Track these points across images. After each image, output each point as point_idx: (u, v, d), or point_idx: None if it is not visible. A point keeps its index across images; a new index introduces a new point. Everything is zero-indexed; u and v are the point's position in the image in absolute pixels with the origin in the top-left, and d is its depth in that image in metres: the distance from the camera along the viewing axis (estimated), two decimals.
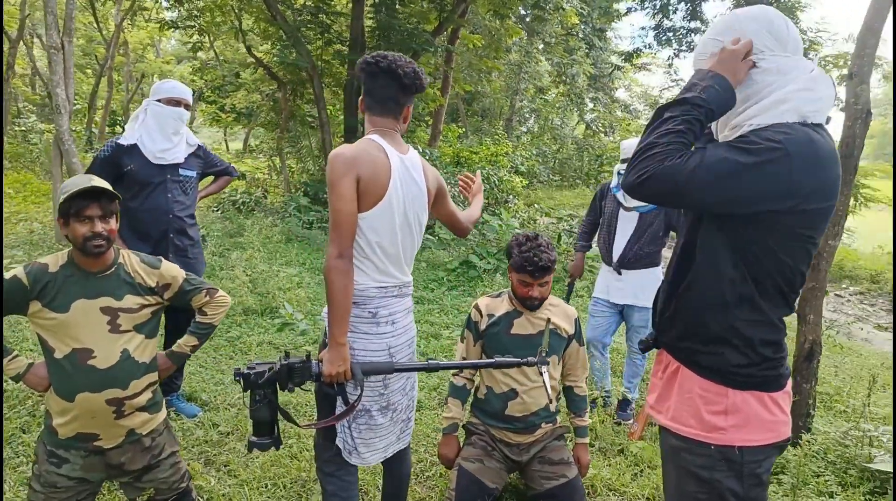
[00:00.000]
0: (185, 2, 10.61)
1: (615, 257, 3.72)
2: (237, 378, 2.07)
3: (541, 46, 18.44)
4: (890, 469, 2.94)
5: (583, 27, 19.18)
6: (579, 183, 19.03)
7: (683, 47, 11.78)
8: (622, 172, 3.62)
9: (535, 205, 12.59)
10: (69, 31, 6.33)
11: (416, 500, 2.85)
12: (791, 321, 3.07)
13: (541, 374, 2.29)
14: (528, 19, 15.09)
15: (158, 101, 3.19)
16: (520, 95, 19.31)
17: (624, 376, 3.94)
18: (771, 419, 1.52)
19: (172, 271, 2.28)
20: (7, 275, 2.03)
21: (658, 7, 11.39)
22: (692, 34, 11.64)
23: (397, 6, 9.75)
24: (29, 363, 2.11)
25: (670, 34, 11.80)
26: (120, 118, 20.79)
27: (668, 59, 12.21)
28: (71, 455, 2.12)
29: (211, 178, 3.68)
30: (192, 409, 3.43)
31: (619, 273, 3.73)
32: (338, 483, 2.23)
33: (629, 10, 13.97)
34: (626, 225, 3.72)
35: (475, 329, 2.78)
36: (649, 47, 12.41)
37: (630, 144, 3.83)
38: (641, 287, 3.72)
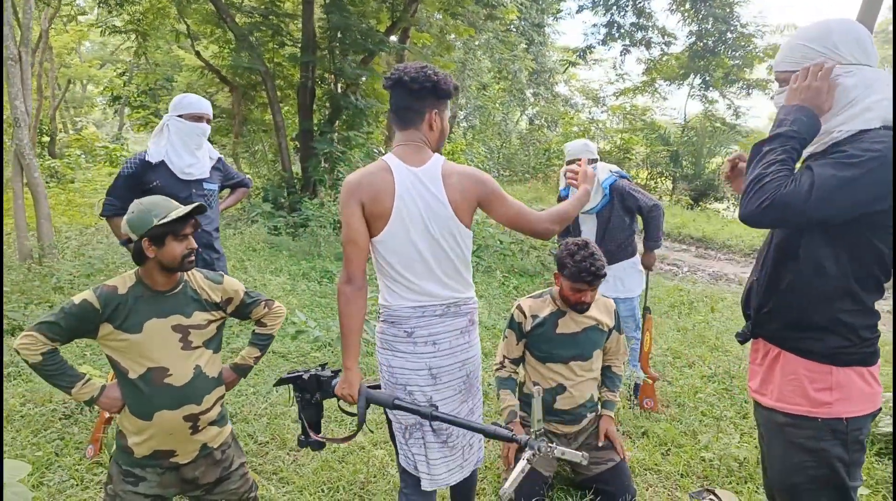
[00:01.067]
0: (126, 3, 10.25)
1: None
2: (290, 382, 2.26)
3: (477, 43, 18.65)
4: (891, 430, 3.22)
5: (521, 23, 19.52)
6: (528, 177, 19.37)
7: (632, 44, 12.20)
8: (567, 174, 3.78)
9: None
10: (26, 41, 6.04)
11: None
12: None
13: (519, 459, 1.95)
14: (467, 16, 15.29)
15: (180, 116, 3.15)
16: (464, 91, 19.47)
17: (630, 362, 4.13)
18: (870, 390, 1.68)
19: (234, 285, 2.30)
20: (76, 299, 2.01)
21: (609, 6, 11.76)
22: (640, 31, 12.09)
23: (349, 6, 9.71)
24: (102, 385, 2.09)
25: (622, 31, 12.21)
26: (46, 128, 19.78)
27: (620, 54, 12.63)
28: (147, 473, 2.12)
29: (227, 191, 3.65)
30: None
31: None
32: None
33: (581, 8, 14.38)
34: (588, 226, 3.93)
35: (519, 330, 2.86)
36: (603, 43, 12.82)
37: (574, 147, 4.00)
38: (622, 279, 3.95)
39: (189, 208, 2.05)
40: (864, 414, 1.68)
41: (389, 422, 2.23)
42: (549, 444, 1.93)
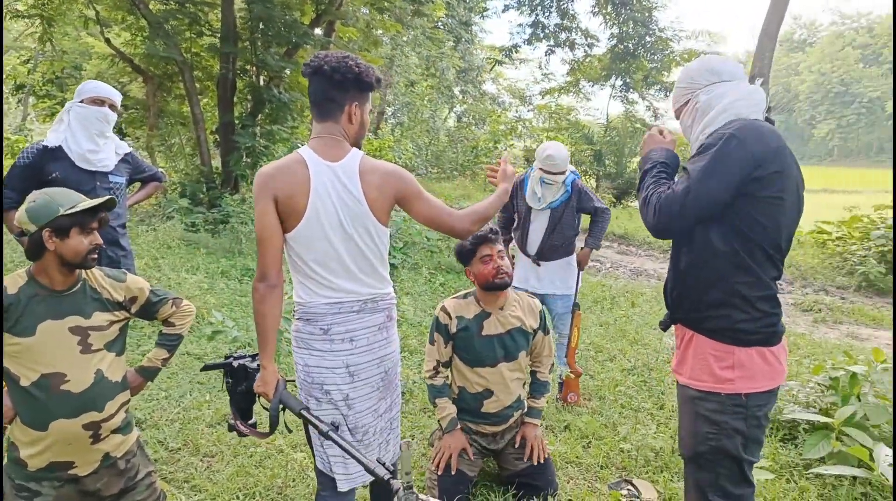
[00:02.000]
0: None
1: (532, 250, 3.96)
2: (220, 367, 2.20)
3: (405, 39, 18.59)
4: (799, 417, 3.38)
5: (449, 20, 19.57)
6: (456, 174, 19.44)
7: (556, 44, 12.42)
8: (546, 180, 3.83)
9: None
10: None
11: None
12: None
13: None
14: (395, 11, 15.20)
15: (81, 102, 2.95)
16: (392, 88, 19.35)
17: (557, 359, 4.17)
18: (769, 369, 1.85)
19: (138, 282, 2.17)
20: None
21: (534, 6, 11.91)
22: (564, 32, 12.31)
23: None
24: None
25: (546, 32, 12.39)
26: None
27: (545, 54, 12.82)
28: (43, 487, 1.97)
29: (138, 184, 3.45)
30: None
31: (538, 264, 3.96)
32: None
33: (506, 7, 14.51)
34: (539, 220, 3.96)
35: (445, 331, 2.81)
36: (528, 43, 12.98)
37: (560, 155, 3.83)
38: (560, 277, 4.00)
39: (100, 200, 1.92)
40: (764, 391, 1.85)
41: (306, 424, 2.15)
42: (420, 496, 1.80)
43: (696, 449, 1.94)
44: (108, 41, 10.27)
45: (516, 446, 2.90)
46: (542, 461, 2.85)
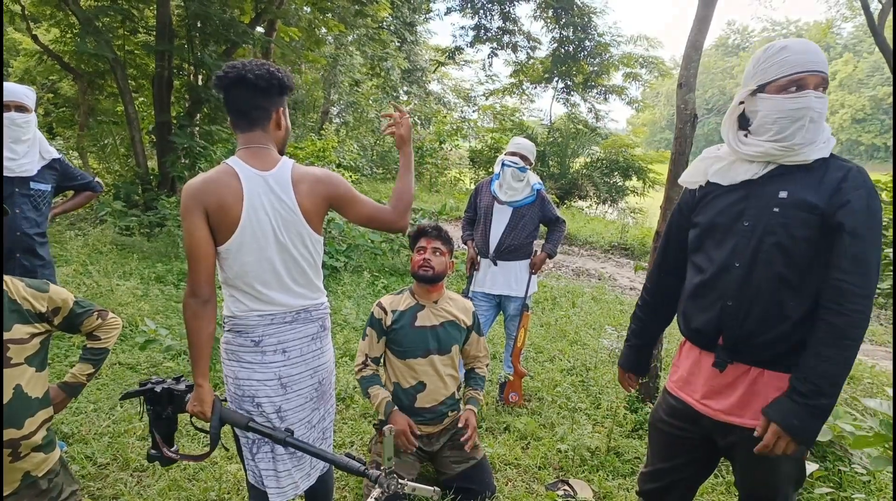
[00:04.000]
0: None
1: (491, 248, 3.99)
2: (140, 394, 2.08)
3: (350, 38, 18.44)
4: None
5: (393, 21, 19.51)
6: None
7: (499, 47, 12.54)
8: (507, 162, 3.96)
9: None
10: None
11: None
12: None
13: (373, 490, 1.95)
14: (338, 11, 15.05)
15: None
16: (336, 87, 19.16)
17: (504, 361, 4.24)
18: None
19: (62, 293, 2.09)
20: None
21: (476, 9, 11.99)
22: (507, 34, 12.43)
23: None
24: None
25: (489, 34, 12.50)
26: None
27: (489, 56, 12.92)
28: None
29: (70, 192, 3.31)
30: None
31: (496, 264, 4.00)
32: None
33: (449, 10, 14.55)
34: (500, 218, 4.00)
35: (379, 326, 2.85)
36: (471, 45, 13.05)
37: (523, 142, 4.09)
38: (515, 278, 4.04)
39: None
40: None
41: (237, 437, 2.12)
42: (400, 481, 1.89)
43: (777, 486, 1.87)
44: (35, 38, 9.83)
45: (455, 440, 2.92)
46: (473, 455, 2.90)
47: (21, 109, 2.88)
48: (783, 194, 1.73)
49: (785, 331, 1.75)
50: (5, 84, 2.88)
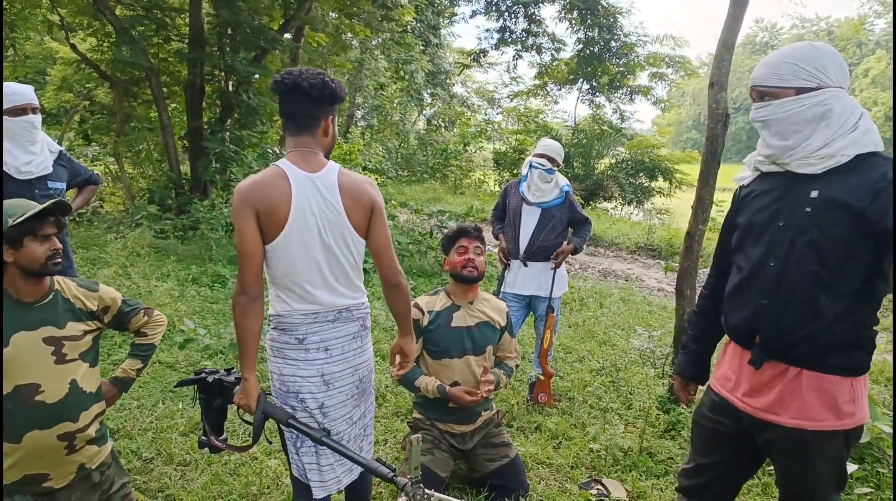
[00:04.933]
0: None
1: (521, 249, 4.03)
2: (194, 383, 2.17)
3: (374, 43, 18.60)
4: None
5: (418, 24, 19.64)
6: (426, 177, 19.49)
7: (523, 49, 12.58)
8: (534, 164, 4.00)
9: (391, 201, 12.75)
10: None
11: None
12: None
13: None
14: (363, 16, 15.22)
15: (6, 113, 2.86)
16: (361, 91, 19.34)
17: (534, 361, 4.27)
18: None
19: (111, 292, 2.19)
20: None
21: (501, 11, 12.04)
22: (531, 36, 12.47)
23: (239, 2, 9.37)
24: None
25: (514, 36, 12.54)
26: None
27: (513, 58, 12.97)
28: None
29: (72, 192, 3.43)
30: None
31: (525, 265, 4.04)
32: None
33: (474, 13, 14.65)
34: (529, 219, 4.04)
35: (417, 327, 2.89)
36: (496, 48, 13.10)
37: (552, 145, 4.13)
38: (545, 279, 4.07)
39: (46, 204, 1.92)
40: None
41: (281, 431, 2.20)
42: (427, 492, 1.89)
43: (817, 487, 1.88)
44: (73, 47, 10.10)
45: (488, 439, 2.98)
46: (506, 453, 2.94)
47: (35, 110, 3.01)
48: (814, 194, 1.75)
49: (819, 330, 1.76)
50: (18, 87, 2.99)
